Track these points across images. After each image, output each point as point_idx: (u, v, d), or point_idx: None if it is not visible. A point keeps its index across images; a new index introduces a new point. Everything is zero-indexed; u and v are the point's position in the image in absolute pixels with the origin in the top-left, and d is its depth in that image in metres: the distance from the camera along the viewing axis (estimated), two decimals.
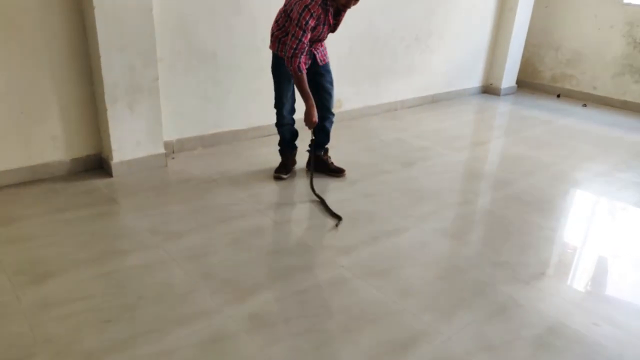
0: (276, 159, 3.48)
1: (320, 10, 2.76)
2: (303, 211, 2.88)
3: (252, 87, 3.86)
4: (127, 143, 3.14)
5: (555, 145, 4.30)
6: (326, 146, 3.38)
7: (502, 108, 5.56)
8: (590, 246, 2.73)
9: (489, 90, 6.06)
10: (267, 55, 3.85)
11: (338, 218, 2.77)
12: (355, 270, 2.32)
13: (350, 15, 4.18)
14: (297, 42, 2.73)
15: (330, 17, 2.86)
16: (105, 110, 3.00)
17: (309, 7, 2.69)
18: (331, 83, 3.16)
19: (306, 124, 2.98)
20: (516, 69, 6.06)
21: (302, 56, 2.79)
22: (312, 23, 2.73)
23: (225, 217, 2.73)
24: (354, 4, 2.79)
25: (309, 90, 2.90)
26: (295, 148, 3.40)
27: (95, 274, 2.16)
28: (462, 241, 2.68)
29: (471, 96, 5.90)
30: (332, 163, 3.39)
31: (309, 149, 3.29)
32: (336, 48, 4.28)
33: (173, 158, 3.51)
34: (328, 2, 2.77)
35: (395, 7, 4.62)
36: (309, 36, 2.76)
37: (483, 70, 5.99)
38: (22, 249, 2.32)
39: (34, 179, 2.99)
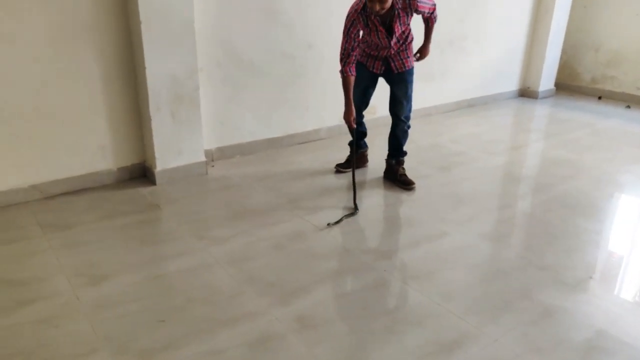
0: (312, 166, 3.55)
1: (360, 18, 2.85)
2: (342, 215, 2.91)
3: (287, 94, 3.93)
4: (170, 152, 3.26)
5: (597, 148, 4.19)
6: (401, 158, 3.37)
7: (540, 111, 5.45)
8: (638, 250, 2.65)
9: (526, 93, 5.96)
10: (302, 63, 3.93)
11: (354, 209, 2.93)
12: (397, 273, 2.32)
13: None
14: (342, 48, 2.97)
15: (377, 24, 2.90)
16: (150, 119, 3.12)
17: (349, 15, 2.90)
18: (405, 91, 3.18)
19: (345, 123, 3.16)
20: (554, 71, 5.94)
21: (349, 60, 2.96)
22: (353, 30, 2.91)
23: (265, 222, 2.79)
24: (378, 10, 2.74)
25: (350, 94, 3.05)
26: (360, 147, 3.52)
27: (146, 276, 2.25)
28: (504, 245, 2.65)
29: (508, 100, 5.82)
30: (402, 174, 3.33)
31: (386, 158, 3.41)
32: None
33: (213, 166, 3.60)
34: (367, 10, 2.83)
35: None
36: (352, 43, 2.93)
37: (520, 74, 5.90)
38: (79, 252, 2.43)
39: (84, 187, 3.13)
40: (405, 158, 3.39)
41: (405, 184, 3.29)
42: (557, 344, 1.88)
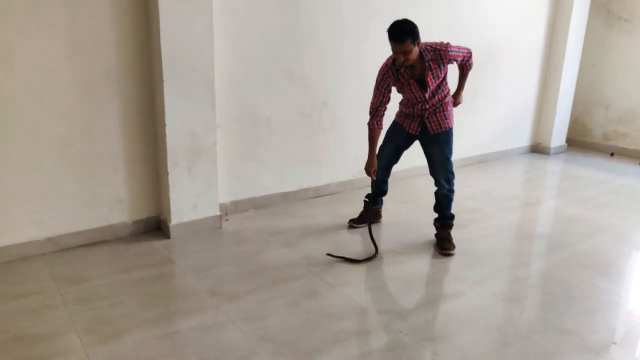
0: (325, 220, 3.56)
1: (389, 73, 2.96)
2: (358, 274, 2.87)
3: (302, 150, 4.01)
4: (185, 205, 3.29)
5: (613, 205, 4.16)
6: (445, 221, 3.26)
7: (553, 167, 5.46)
8: None
9: (537, 149, 6.00)
10: (317, 120, 4.03)
11: (375, 251, 3.05)
12: (413, 335, 2.27)
13: None
14: (372, 102, 3.07)
15: (407, 77, 2.94)
16: (167, 174, 3.18)
17: (381, 70, 3.03)
18: (440, 153, 3.13)
19: (366, 174, 3.23)
20: (565, 127, 6.00)
21: (377, 113, 3.06)
22: (383, 85, 3.01)
23: (279, 279, 2.76)
24: (403, 61, 2.79)
25: (375, 146, 3.13)
26: (376, 204, 3.53)
27: (158, 334, 2.22)
28: (522, 306, 2.59)
29: (520, 155, 5.85)
30: (443, 238, 3.20)
31: (435, 223, 3.33)
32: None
33: (227, 220, 3.62)
34: (397, 64, 2.91)
35: None
36: (381, 97, 3.03)
37: (531, 130, 5.97)
38: (91, 307, 2.42)
39: (99, 240, 3.16)
40: (418, 213, 3.38)
41: (442, 248, 3.15)
42: None
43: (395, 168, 3.75)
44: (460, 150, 5.22)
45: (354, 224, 3.52)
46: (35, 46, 2.72)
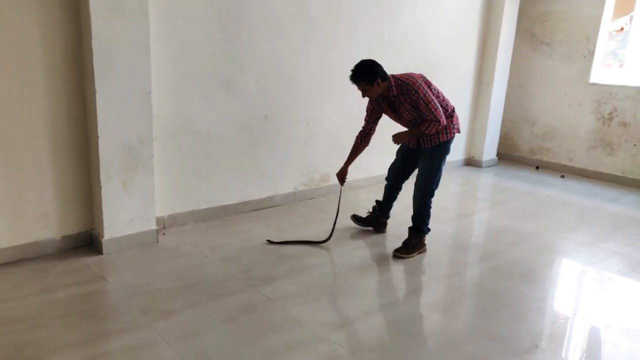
0: (267, 233, 3.55)
1: (371, 100, 3.32)
2: (295, 287, 2.88)
3: (243, 163, 3.98)
4: (119, 220, 3.17)
5: (538, 216, 4.43)
6: (414, 229, 3.43)
7: (485, 180, 5.75)
8: (580, 317, 2.76)
9: (471, 162, 6.29)
10: (258, 133, 4.03)
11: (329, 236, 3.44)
12: (350, 346, 2.30)
13: (340, 96, 4.44)
14: (364, 120, 3.45)
15: (385, 107, 3.29)
16: (100, 188, 3.06)
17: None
18: (424, 165, 3.36)
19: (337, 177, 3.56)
20: (496, 142, 6.35)
21: (363, 131, 3.45)
22: (369, 108, 3.40)
23: (217, 293, 2.72)
24: (363, 96, 3.21)
25: (352, 157, 3.51)
26: (383, 209, 3.77)
27: (84, 356, 2.11)
28: (454, 314, 2.69)
29: (455, 168, 6.11)
30: (405, 245, 3.40)
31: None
32: (326, 125, 4.50)
33: (164, 234, 3.52)
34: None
35: None
36: (368, 118, 3.42)
37: (465, 144, 6.26)
38: (9, 332, 2.27)
39: (23, 258, 2.97)
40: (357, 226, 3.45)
41: (396, 250, 3.36)
42: None
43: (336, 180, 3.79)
44: None
45: (356, 221, 3.79)
46: None
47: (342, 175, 3.50)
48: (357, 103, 4.72)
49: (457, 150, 6.16)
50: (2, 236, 2.90)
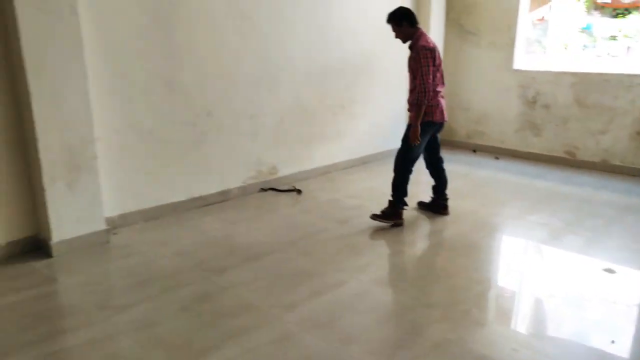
0: (217, 226, 3.67)
1: None
2: (247, 274, 3.00)
3: (189, 160, 4.04)
4: (67, 222, 3.17)
5: (474, 195, 4.76)
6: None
7: (424, 164, 6.04)
8: (510, 283, 3.05)
9: None
10: (203, 129, 4.09)
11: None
12: (301, 324, 2.46)
13: (282, 89, 4.57)
14: None
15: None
16: (43, 190, 3.05)
17: None
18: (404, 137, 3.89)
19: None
20: None
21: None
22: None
23: (170, 286, 2.80)
24: (396, 36, 3.72)
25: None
26: (435, 191, 4.19)
27: (42, 353, 2.16)
28: (397, 288, 2.92)
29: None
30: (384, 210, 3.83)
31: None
32: (270, 118, 4.62)
33: (115, 233, 3.54)
34: None
35: (318, 81, 5.07)
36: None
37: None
38: None
39: None
40: (306, 214, 3.61)
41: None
42: None
43: (286, 172, 3.91)
44: (343, 153, 5.61)
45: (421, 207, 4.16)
46: None
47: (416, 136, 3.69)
48: (299, 95, 4.90)
49: (396, 138, 6.41)
50: None
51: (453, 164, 5.95)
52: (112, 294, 2.72)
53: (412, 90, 3.70)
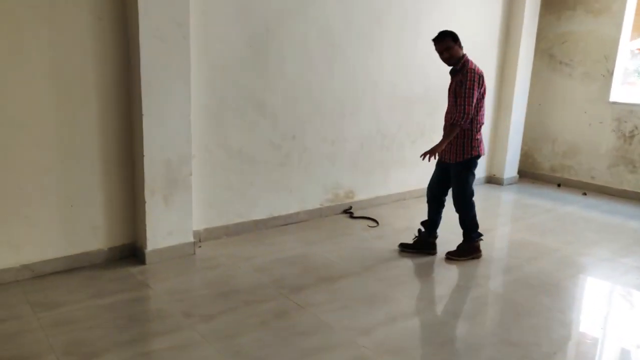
0: (295, 246, 3.76)
1: None
2: (323, 295, 3.06)
3: (272, 180, 4.22)
4: (161, 233, 3.43)
5: (558, 232, 4.53)
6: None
7: (506, 197, 5.86)
8: (598, 329, 2.86)
9: (492, 180, 6.41)
10: (286, 152, 4.27)
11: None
12: (375, 349, 2.47)
13: (363, 114, 4.66)
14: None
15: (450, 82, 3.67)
16: (144, 202, 3.33)
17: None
18: (453, 182, 3.78)
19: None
20: (517, 160, 6.46)
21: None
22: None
23: (251, 300, 2.93)
24: (444, 54, 3.48)
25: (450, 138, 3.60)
26: (428, 228, 3.87)
27: (135, 353, 2.34)
28: (475, 322, 2.84)
29: (476, 186, 6.17)
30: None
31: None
32: (350, 143, 4.72)
33: (200, 246, 3.77)
34: None
35: (399, 107, 5.11)
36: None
37: (486, 162, 6.38)
38: (67, 331, 2.52)
39: (75, 267, 3.24)
40: (381, 240, 3.62)
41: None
42: None
43: (362, 196, 3.95)
44: (419, 180, 5.56)
45: (404, 248, 3.83)
46: (20, 79, 2.89)
47: (435, 153, 3.52)
48: (379, 121, 4.97)
49: (478, 168, 6.26)
50: (58, 246, 3.18)
51: (535, 198, 5.72)
52: (197, 302, 2.89)
53: (447, 113, 3.64)
